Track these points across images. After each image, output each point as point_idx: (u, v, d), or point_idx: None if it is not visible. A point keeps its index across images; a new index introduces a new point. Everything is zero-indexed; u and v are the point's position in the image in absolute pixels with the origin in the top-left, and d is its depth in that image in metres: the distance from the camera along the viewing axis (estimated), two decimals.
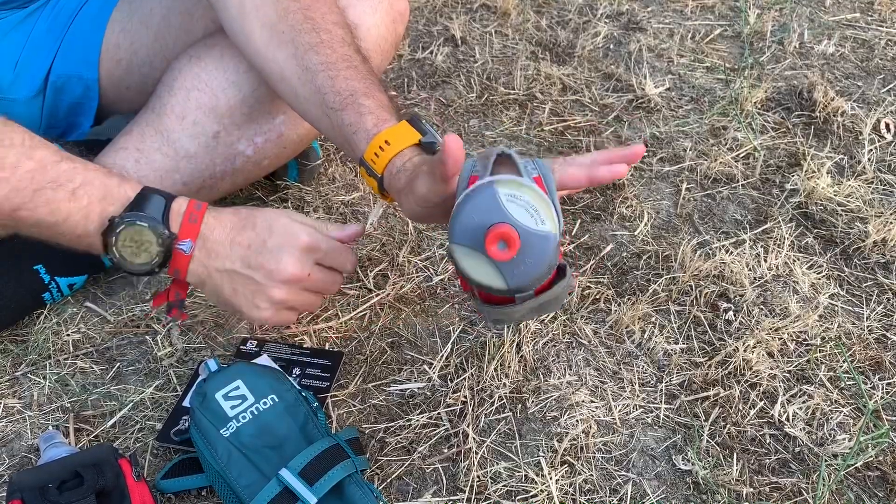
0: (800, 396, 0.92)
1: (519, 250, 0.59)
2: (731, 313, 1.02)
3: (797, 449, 0.87)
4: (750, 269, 1.08)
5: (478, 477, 0.82)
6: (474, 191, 0.61)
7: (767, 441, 0.88)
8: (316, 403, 0.82)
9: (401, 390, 0.92)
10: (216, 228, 0.76)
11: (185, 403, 0.87)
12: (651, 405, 0.91)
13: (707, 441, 0.87)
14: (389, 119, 0.77)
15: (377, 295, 1.02)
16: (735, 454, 0.86)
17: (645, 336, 0.98)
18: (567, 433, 0.87)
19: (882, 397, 0.93)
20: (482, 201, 0.60)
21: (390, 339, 0.97)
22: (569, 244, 1.11)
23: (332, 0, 0.86)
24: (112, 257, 0.73)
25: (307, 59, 0.80)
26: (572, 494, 0.81)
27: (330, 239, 0.80)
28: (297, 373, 0.91)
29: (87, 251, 0.76)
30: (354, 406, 0.90)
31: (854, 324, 1.02)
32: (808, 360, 0.96)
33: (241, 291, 0.77)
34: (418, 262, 1.08)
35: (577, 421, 0.88)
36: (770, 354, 0.97)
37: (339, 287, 0.83)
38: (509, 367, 0.93)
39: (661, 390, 0.92)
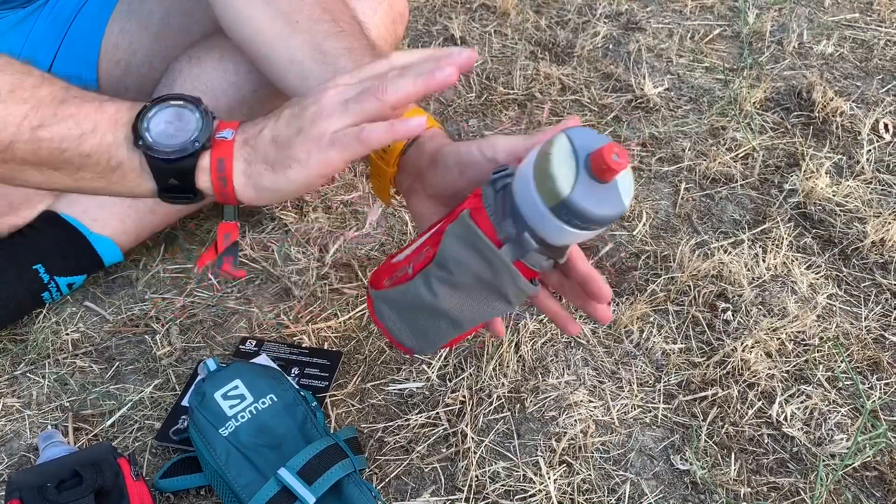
0: (798, 396, 0.93)
1: (601, 185, 0.57)
2: (729, 313, 1.02)
3: (795, 449, 0.87)
4: (748, 270, 1.08)
5: (476, 476, 0.83)
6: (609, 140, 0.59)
7: (765, 441, 0.88)
8: (314, 403, 0.82)
9: (399, 390, 0.92)
10: (257, 121, 0.68)
11: (184, 403, 0.87)
12: (649, 405, 0.91)
13: (705, 441, 0.87)
14: (416, 105, 0.77)
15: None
16: (733, 454, 0.86)
17: (643, 336, 0.99)
18: (565, 433, 0.87)
19: (880, 397, 0.93)
20: (618, 152, 0.57)
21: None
22: None
23: None
24: (144, 142, 0.63)
25: (326, 44, 0.79)
26: (570, 494, 0.82)
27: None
28: (296, 372, 0.91)
29: (112, 179, 0.66)
30: (353, 405, 0.90)
31: (852, 324, 1.02)
32: (806, 360, 0.97)
33: (284, 137, 0.65)
34: None
35: (575, 420, 0.88)
36: (768, 354, 0.97)
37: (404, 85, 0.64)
38: (508, 366, 0.93)
39: (660, 390, 0.93)
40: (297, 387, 0.83)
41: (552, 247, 0.60)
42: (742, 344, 0.97)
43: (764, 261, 1.09)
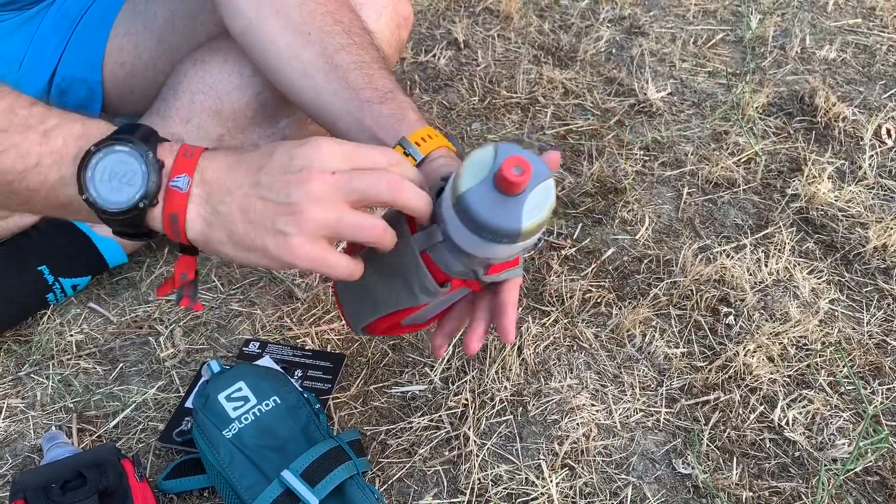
0: (800, 401, 0.93)
1: (501, 197, 0.57)
2: (731, 318, 1.02)
3: (797, 453, 0.87)
4: (751, 274, 1.08)
5: (478, 479, 0.83)
6: (541, 162, 0.60)
7: (767, 445, 0.88)
8: (318, 405, 0.83)
9: (402, 392, 0.92)
10: (215, 159, 0.61)
11: (188, 404, 0.87)
12: (651, 409, 0.91)
13: (707, 445, 0.87)
14: (426, 122, 0.77)
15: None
16: (735, 458, 0.86)
17: (646, 340, 0.99)
18: (567, 436, 0.87)
19: (882, 402, 0.93)
20: (539, 167, 0.59)
21: (392, 342, 0.98)
22: (570, 247, 1.11)
23: (351, 6, 0.86)
24: (88, 197, 0.59)
25: (338, 57, 0.80)
26: (572, 497, 0.82)
27: (359, 144, 0.64)
28: (299, 374, 0.91)
29: (67, 209, 0.62)
30: (356, 408, 0.90)
31: (854, 329, 1.02)
32: (808, 365, 0.97)
33: (258, 220, 0.59)
34: None
35: (577, 424, 0.89)
36: (770, 359, 0.97)
37: (392, 187, 0.60)
38: (510, 370, 0.94)
39: (662, 394, 0.93)
40: (300, 389, 0.83)
41: (461, 251, 0.62)
42: (744, 348, 0.97)
43: (766, 265, 1.10)
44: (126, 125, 0.61)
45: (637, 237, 1.14)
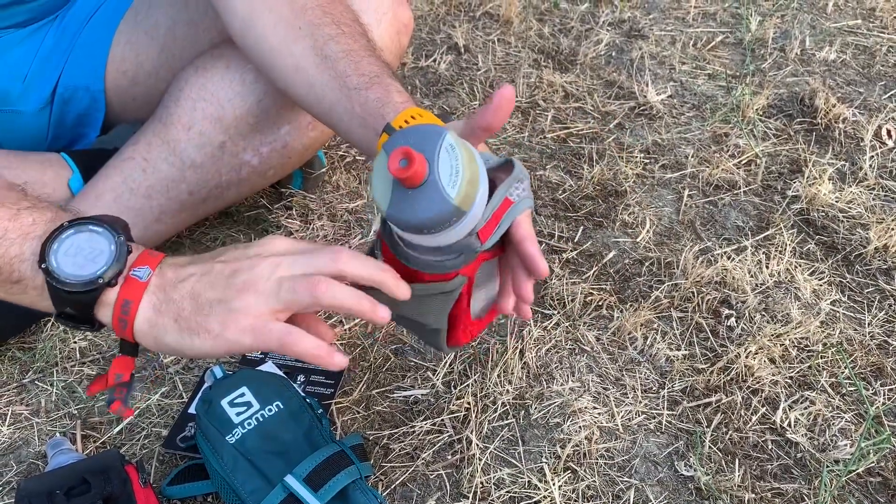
0: (801, 402, 0.93)
1: (416, 189, 0.55)
2: (732, 319, 1.02)
3: (799, 455, 0.88)
4: (752, 276, 1.08)
5: (481, 483, 0.83)
6: (428, 125, 0.58)
7: (769, 447, 0.88)
8: (320, 410, 0.83)
9: (405, 397, 0.92)
10: (177, 257, 0.64)
11: (191, 410, 0.87)
12: (653, 411, 0.91)
13: (709, 447, 0.88)
14: (413, 102, 0.77)
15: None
16: (737, 460, 0.86)
17: (647, 342, 0.99)
18: (570, 439, 0.87)
19: (883, 403, 0.93)
20: (426, 133, 0.56)
21: (394, 346, 0.98)
22: (571, 251, 1.12)
23: (345, 1, 0.86)
24: (47, 266, 0.58)
25: (327, 48, 0.80)
26: (575, 500, 0.82)
27: (310, 243, 0.66)
28: (302, 380, 0.92)
29: (8, 291, 0.62)
30: (358, 412, 0.90)
31: (856, 330, 1.02)
32: (809, 367, 0.97)
33: (205, 300, 0.60)
34: None
35: (579, 427, 0.89)
36: (772, 360, 0.97)
37: (334, 265, 0.61)
38: (512, 373, 0.94)
39: (664, 396, 0.93)
40: (302, 394, 0.84)
41: (438, 250, 0.61)
42: (746, 350, 0.97)
43: (767, 267, 1.10)
44: (99, 215, 0.62)
45: (638, 240, 1.15)
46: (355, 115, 0.78)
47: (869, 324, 1.03)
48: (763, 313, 1.03)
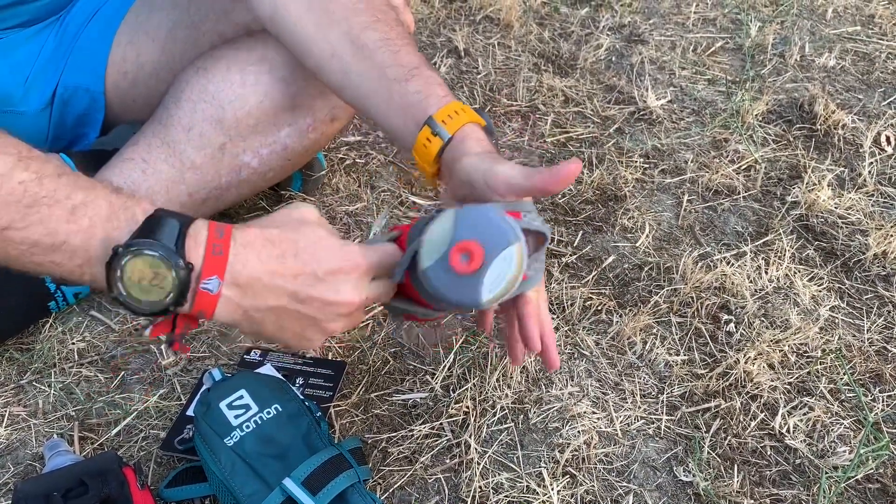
0: (800, 408, 0.93)
1: (459, 274, 0.61)
2: (732, 325, 1.02)
3: (798, 461, 0.87)
4: (751, 281, 1.08)
5: (480, 487, 0.83)
6: (502, 219, 0.62)
7: (768, 453, 0.88)
8: (319, 413, 0.83)
9: (403, 400, 0.92)
10: (249, 260, 0.63)
11: (189, 412, 0.87)
12: (652, 416, 0.91)
13: (708, 452, 0.88)
14: (453, 96, 0.78)
15: (379, 305, 1.03)
16: (736, 466, 0.86)
17: (646, 347, 0.99)
18: (569, 444, 0.87)
19: (882, 410, 0.93)
20: (497, 232, 0.61)
21: (393, 350, 0.98)
22: (570, 255, 1.12)
23: None
24: (117, 296, 0.60)
25: (364, 36, 0.80)
26: None
27: (378, 248, 0.70)
28: (301, 382, 0.92)
29: (91, 285, 0.63)
30: (357, 416, 0.90)
31: (854, 336, 1.02)
32: (808, 372, 0.97)
33: (290, 327, 0.66)
34: None
35: (578, 432, 0.89)
36: (771, 366, 0.97)
37: (387, 300, 0.73)
38: (511, 377, 0.94)
39: (663, 401, 0.93)
40: (301, 397, 0.83)
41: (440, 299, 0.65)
42: (745, 356, 0.97)
43: (766, 273, 1.10)
44: (151, 218, 0.61)
45: (637, 244, 1.15)
46: (394, 106, 0.78)
47: (868, 330, 1.03)
48: (762, 319, 1.03)
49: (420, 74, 0.78)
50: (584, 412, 0.91)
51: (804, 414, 0.92)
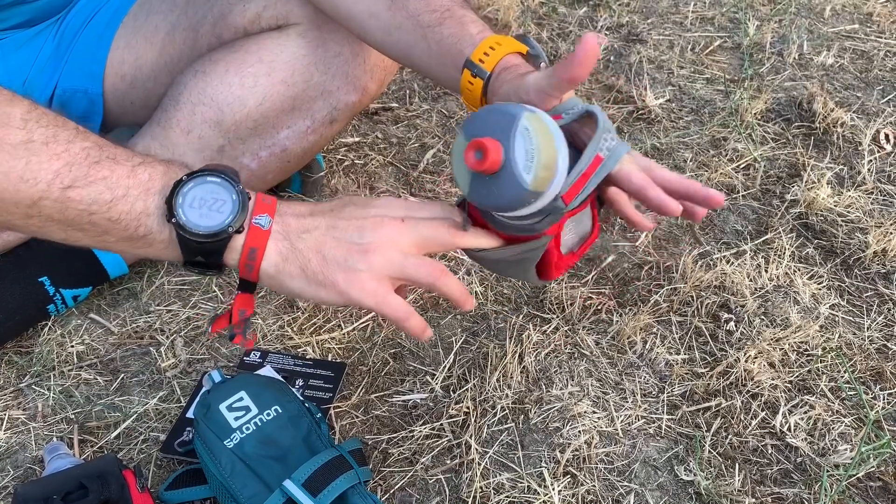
0: (801, 407, 0.93)
1: (493, 175, 0.58)
2: (732, 324, 1.02)
3: (799, 459, 0.87)
4: (751, 280, 1.08)
5: (481, 488, 0.83)
6: (505, 105, 0.60)
7: (769, 451, 0.88)
8: (319, 414, 0.83)
9: (403, 401, 0.92)
10: (292, 205, 0.66)
11: (189, 415, 0.87)
12: (653, 416, 0.91)
13: (709, 451, 0.87)
14: (490, 30, 0.76)
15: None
16: (737, 464, 0.86)
17: (647, 347, 0.99)
18: (569, 444, 0.87)
19: (883, 407, 0.93)
20: (502, 116, 0.58)
21: (393, 350, 0.98)
22: None
23: None
24: (178, 220, 0.61)
25: None
26: None
27: (422, 202, 0.70)
28: (300, 384, 0.91)
29: (142, 242, 0.63)
30: (357, 417, 0.90)
31: (855, 334, 1.02)
32: (809, 371, 0.97)
33: (332, 256, 0.64)
34: None
35: (579, 431, 0.88)
36: (771, 365, 0.97)
37: (450, 233, 0.67)
38: (511, 377, 0.94)
39: (663, 401, 0.93)
40: (301, 398, 0.83)
41: (518, 219, 0.63)
42: (745, 354, 0.97)
43: (766, 271, 1.10)
44: (205, 167, 0.64)
45: (637, 244, 1.14)
46: (433, 54, 0.77)
47: (868, 328, 1.03)
48: (762, 317, 1.03)
49: (452, 15, 0.77)
50: (585, 412, 0.91)
51: (805, 412, 0.92)
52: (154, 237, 0.63)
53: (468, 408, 0.90)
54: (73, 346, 0.97)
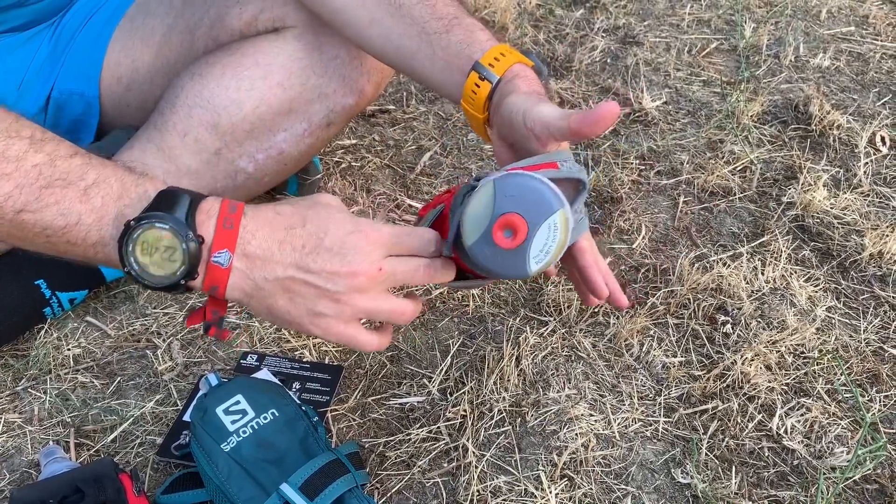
0: (798, 409, 0.93)
1: (524, 242, 0.60)
2: (728, 326, 1.02)
3: (795, 462, 0.87)
4: (747, 282, 1.09)
5: (478, 491, 0.83)
6: (546, 186, 0.60)
7: (766, 454, 0.88)
8: (316, 418, 0.82)
9: (400, 404, 0.92)
10: (258, 232, 0.63)
11: (186, 418, 0.87)
12: (650, 418, 0.91)
13: (706, 454, 0.87)
14: (497, 40, 0.77)
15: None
16: (734, 467, 0.86)
17: (643, 349, 0.99)
18: (566, 447, 0.87)
19: (880, 410, 0.93)
20: (540, 202, 0.60)
21: (390, 353, 0.98)
22: None
23: None
24: (130, 271, 0.61)
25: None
26: None
27: (396, 226, 0.67)
28: (297, 387, 0.91)
29: (106, 264, 0.64)
30: (354, 420, 0.90)
31: (851, 336, 1.02)
32: (805, 373, 0.97)
33: (300, 300, 0.63)
34: None
35: (576, 434, 0.88)
36: (768, 367, 0.97)
37: (425, 275, 0.67)
38: (508, 380, 0.94)
39: (660, 403, 0.93)
40: (298, 401, 0.83)
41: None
42: (742, 357, 0.97)
43: (763, 273, 1.10)
44: (162, 194, 0.62)
45: (633, 246, 1.15)
46: (437, 60, 0.77)
47: (864, 330, 1.03)
48: (759, 320, 1.03)
49: (460, 23, 0.77)
50: (582, 415, 0.91)
51: (801, 415, 0.92)
52: (114, 262, 0.62)
53: (465, 411, 0.90)
54: (69, 350, 0.97)
